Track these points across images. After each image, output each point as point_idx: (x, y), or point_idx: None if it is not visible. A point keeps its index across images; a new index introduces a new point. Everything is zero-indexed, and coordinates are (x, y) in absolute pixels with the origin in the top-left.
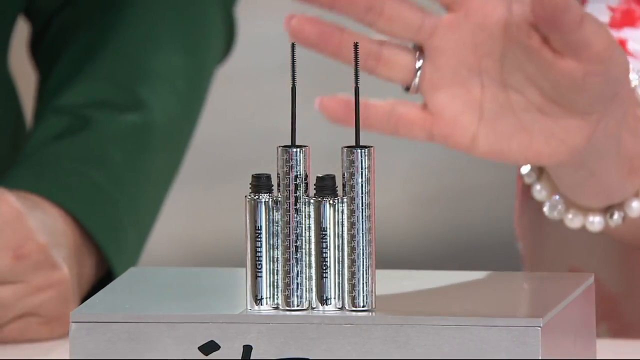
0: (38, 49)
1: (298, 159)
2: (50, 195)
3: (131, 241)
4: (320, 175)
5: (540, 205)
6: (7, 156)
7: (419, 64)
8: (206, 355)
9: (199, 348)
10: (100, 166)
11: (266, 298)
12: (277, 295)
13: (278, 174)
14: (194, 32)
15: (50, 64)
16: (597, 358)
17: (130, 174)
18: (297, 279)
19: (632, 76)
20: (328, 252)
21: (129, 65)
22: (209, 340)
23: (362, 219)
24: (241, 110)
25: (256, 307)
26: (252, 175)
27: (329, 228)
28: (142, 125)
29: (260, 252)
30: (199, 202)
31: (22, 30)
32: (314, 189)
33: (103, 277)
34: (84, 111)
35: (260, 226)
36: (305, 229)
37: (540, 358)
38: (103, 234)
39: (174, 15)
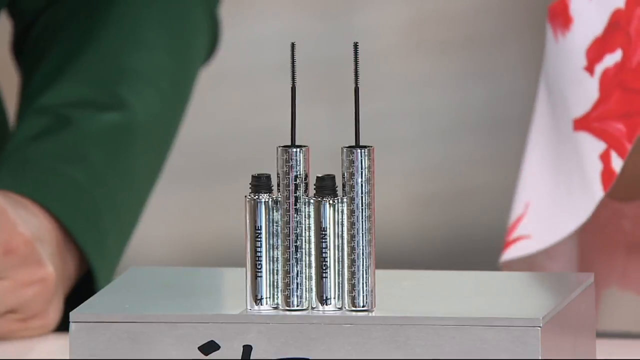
0: (21, 50)
1: (298, 159)
2: (29, 194)
3: (112, 240)
4: (320, 175)
5: None
6: None
7: None
8: (206, 355)
9: (199, 348)
10: (80, 165)
11: (266, 298)
12: (277, 295)
13: (278, 174)
14: (178, 32)
15: (33, 65)
16: (597, 358)
17: (111, 172)
18: (297, 279)
19: None
20: (328, 252)
21: (111, 64)
22: (209, 340)
23: (362, 219)
24: (241, 110)
25: (256, 307)
26: (252, 176)
27: (329, 228)
28: (123, 124)
29: (260, 252)
30: (199, 202)
31: (4, 31)
32: (314, 189)
33: (84, 277)
34: (64, 111)
35: (260, 226)
36: (305, 229)
37: (540, 358)
38: (83, 232)
39: (157, 15)
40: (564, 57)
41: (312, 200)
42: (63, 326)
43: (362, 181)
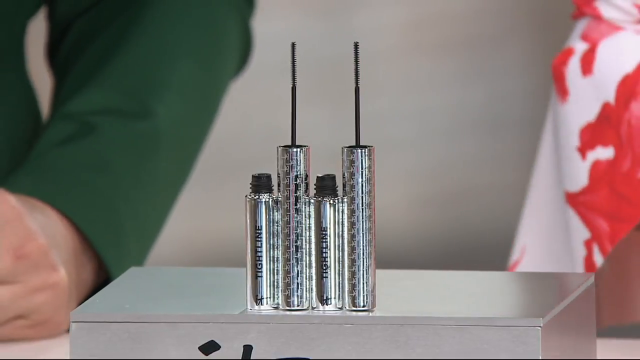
0: (55, 55)
1: (298, 159)
2: (49, 199)
3: (132, 248)
4: (321, 175)
5: None
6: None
7: None
8: (206, 355)
9: (199, 348)
10: (103, 172)
11: (266, 298)
12: (277, 295)
13: (278, 174)
14: (210, 44)
15: (65, 71)
16: (597, 358)
17: (133, 181)
18: (297, 279)
19: None
20: (328, 252)
21: (140, 74)
22: (209, 340)
23: (362, 218)
24: (241, 110)
25: (256, 307)
26: (253, 176)
27: (329, 228)
28: (148, 133)
29: (261, 252)
30: (199, 202)
31: (42, 36)
32: (314, 188)
33: (102, 284)
34: (89, 118)
35: (261, 226)
36: (306, 229)
37: (540, 358)
38: (102, 239)
39: (190, 26)
40: (562, 123)
41: (312, 200)
42: None
43: (362, 181)
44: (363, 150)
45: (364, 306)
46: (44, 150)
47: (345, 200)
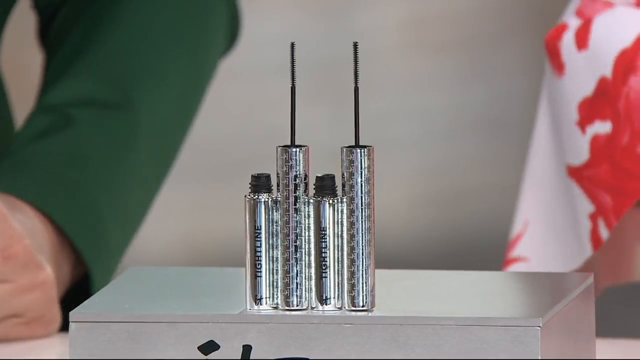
0: (45, 42)
1: (297, 159)
2: (25, 196)
3: (112, 243)
4: (320, 175)
5: None
6: None
7: None
8: (206, 355)
9: (198, 348)
10: (81, 166)
11: (266, 298)
12: (277, 295)
13: (277, 173)
14: (195, 28)
15: (50, 59)
16: (597, 358)
17: (112, 173)
18: (296, 279)
19: None
20: (327, 251)
21: (122, 62)
22: (209, 340)
23: (362, 218)
24: (241, 110)
25: (256, 307)
26: (252, 175)
27: (329, 228)
28: (127, 124)
29: (260, 252)
30: (199, 202)
31: (15, 28)
32: (314, 188)
33: (80, 280)
34: (68, 110)
35: (260, 226)
36: (305, 229)
37: (540, 358)
38: (81, 236)
39: (173, 10)
40: (560, 97)
41: (311, 200)
42: (63, 328)
43: (361, 181)
44: (362, 150)
45: (363, 306)
46: (22, 144)
47: (344, 200)
